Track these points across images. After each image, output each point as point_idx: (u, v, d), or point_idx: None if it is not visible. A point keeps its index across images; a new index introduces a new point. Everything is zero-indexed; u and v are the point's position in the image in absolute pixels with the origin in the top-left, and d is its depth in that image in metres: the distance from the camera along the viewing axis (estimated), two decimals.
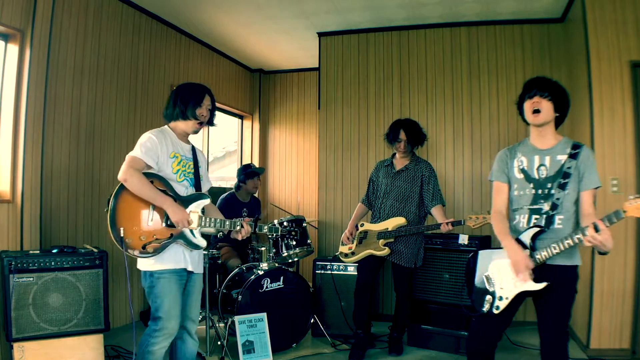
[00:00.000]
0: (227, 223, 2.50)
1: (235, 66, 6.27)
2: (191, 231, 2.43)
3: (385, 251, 3.54)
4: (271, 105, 6.82)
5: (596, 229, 1.96)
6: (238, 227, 2.51)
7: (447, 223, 3.36)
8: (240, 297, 3.52)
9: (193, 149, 2.63)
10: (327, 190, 5.11)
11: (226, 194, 4.67)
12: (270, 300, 3.67)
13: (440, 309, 3.83)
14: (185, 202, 2.42)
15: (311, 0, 4.36)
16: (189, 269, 2.46)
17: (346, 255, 3.75)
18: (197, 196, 2.48)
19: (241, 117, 6.72)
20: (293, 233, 3.04)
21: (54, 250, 2.96)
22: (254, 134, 6.72)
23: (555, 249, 2.12)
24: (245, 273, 3.83)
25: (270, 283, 3.69)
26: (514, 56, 4.62)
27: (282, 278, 3.74)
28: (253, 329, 3.48)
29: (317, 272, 4.14)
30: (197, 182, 2.55)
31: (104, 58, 4.04)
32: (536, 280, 2.20)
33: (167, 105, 2.53)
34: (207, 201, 2.50)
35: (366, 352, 3.64)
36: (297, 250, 3.94)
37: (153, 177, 2.36)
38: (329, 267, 4.11)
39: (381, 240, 3.56)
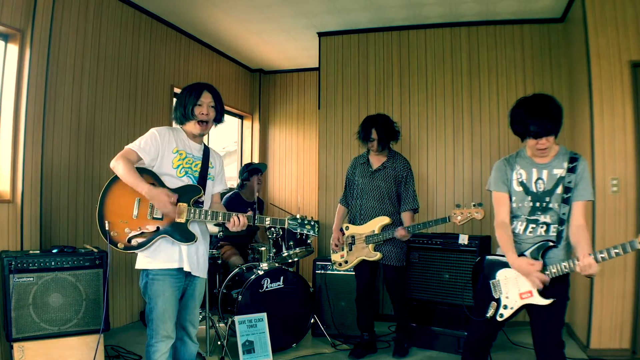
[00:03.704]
0: (221, 214, 2.38)
1: (235, 66, 6.27)
2: (181, 224, 2.37)
3: (378, 256, 3.52)
4: (271, 105, 6.82)
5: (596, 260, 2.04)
6: (234, 217, 2.39)
7: (404, 228, 3.36)
8: (240, 297, 3.52)
9: (206, 150, 2.57)
10: (327, 190, 5.10)
11: (230, 193, 4.66)
12: (270, 300, 3.66)
13: (440, 309, 3.82)
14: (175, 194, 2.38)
15: (311, 0, 4.36)
16: (186, 268, 2.38)
17: (340, 264, 3.71)
18: (188, 188, 2.40)
19: (241, 117, 6.73)
20: (308, 227, 2.49)
21: (54, 250, 2.96)
22: (254, 134, 6.72)
23: (553, 268, 2.19)
24: (245, 273, 3.83)
25: (270, 283, 3.69)
26: (514, 56, 4.61)
27: (282, 278, 3.74)
28: (253, 329, 3.48)
29: (317, 272, 4.14)
30: (200, 181, 2.48)
31: (104, 58, 4.04)
32: (543, 295, 2.23)
33: (174, 109, 2.54)
34: (198, 195, 2.40)
35: (367, 355, 3.63)
36: (297, 250, 3.94)
37: (144, 172, 2.37)
38: (329, 267, 4.11)
39: (371, 245, 3.53)
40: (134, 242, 2.33)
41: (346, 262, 3.67)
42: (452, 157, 4.74)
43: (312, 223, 2.48)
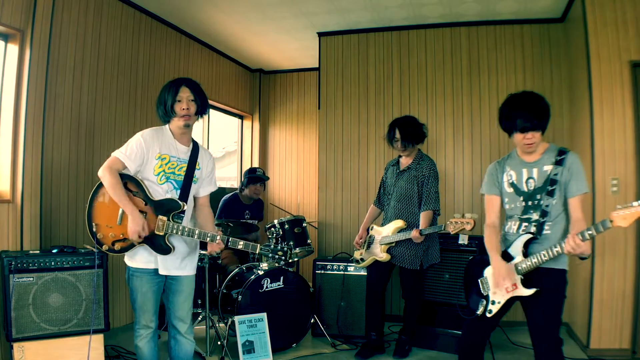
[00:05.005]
0: (197, 232, 2.43)
1: (235, 66, 6.27)
2: (159, 237, 2.41)
3: (385, 257, 3.53)
4: (271, 105, 6.82)
5: (583, 238, 2.01)
6: (208, 239, 2.43)
7: (418, 230, 3.34)
8: (240, 297, 3.52)
9: (194, 150, 2.54)
10: (327, 190, 5.10)
11: (229, 195, 4.67)
12: (270, 300, 3.67)
13: (441, 309, 3.83)
14: (157, 206, 2.40)
15: (311, 0, 4.36)
16: (162, 272, 2.45)
17: (358, 261, 3.77)
18: (169, 202, 2.42)
19: (241, 117, 6.73)
20: (280, 254, 2.57)
21: (54, 250, 2.96)
22: (254, 134, 6.72)
23: (544, 256, 2.18)
24: (245, 273, 3.83)
25: (270, 283, 3.69)
26: (514, 56, 4.62)
27: (282, 278, 3.74)
28: (253, 329, 3.48)
29: (317, 272, 4.14)
30: (184, 186, 2.48)
31: (104, 58, 4.04)
32: (527, 285, 2.24)
33: (156, 108, 2.53)
34: (178, 209, 2.41)
35: (374, 355, 3.63)
36: (297, 250, 3.94)
37: (128, 179, 2.41)
38: (329, 267, 4.11)
39: (382, 246, 3.55)
40: (117, 246, 2.42)
41: (362, 259, 3.72)
42: (452, 157, 4.74)
43: (285, 249, 2.56)
